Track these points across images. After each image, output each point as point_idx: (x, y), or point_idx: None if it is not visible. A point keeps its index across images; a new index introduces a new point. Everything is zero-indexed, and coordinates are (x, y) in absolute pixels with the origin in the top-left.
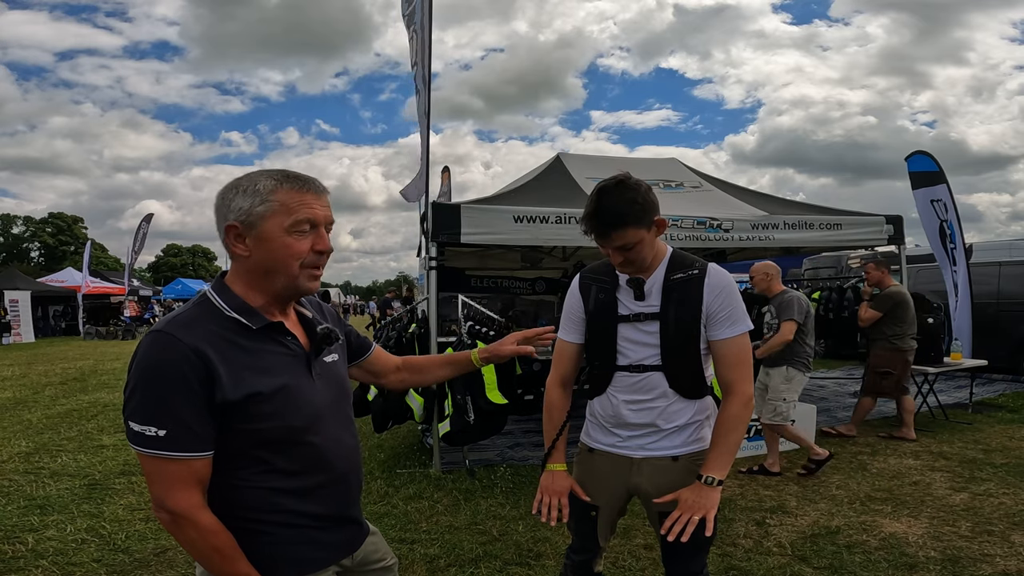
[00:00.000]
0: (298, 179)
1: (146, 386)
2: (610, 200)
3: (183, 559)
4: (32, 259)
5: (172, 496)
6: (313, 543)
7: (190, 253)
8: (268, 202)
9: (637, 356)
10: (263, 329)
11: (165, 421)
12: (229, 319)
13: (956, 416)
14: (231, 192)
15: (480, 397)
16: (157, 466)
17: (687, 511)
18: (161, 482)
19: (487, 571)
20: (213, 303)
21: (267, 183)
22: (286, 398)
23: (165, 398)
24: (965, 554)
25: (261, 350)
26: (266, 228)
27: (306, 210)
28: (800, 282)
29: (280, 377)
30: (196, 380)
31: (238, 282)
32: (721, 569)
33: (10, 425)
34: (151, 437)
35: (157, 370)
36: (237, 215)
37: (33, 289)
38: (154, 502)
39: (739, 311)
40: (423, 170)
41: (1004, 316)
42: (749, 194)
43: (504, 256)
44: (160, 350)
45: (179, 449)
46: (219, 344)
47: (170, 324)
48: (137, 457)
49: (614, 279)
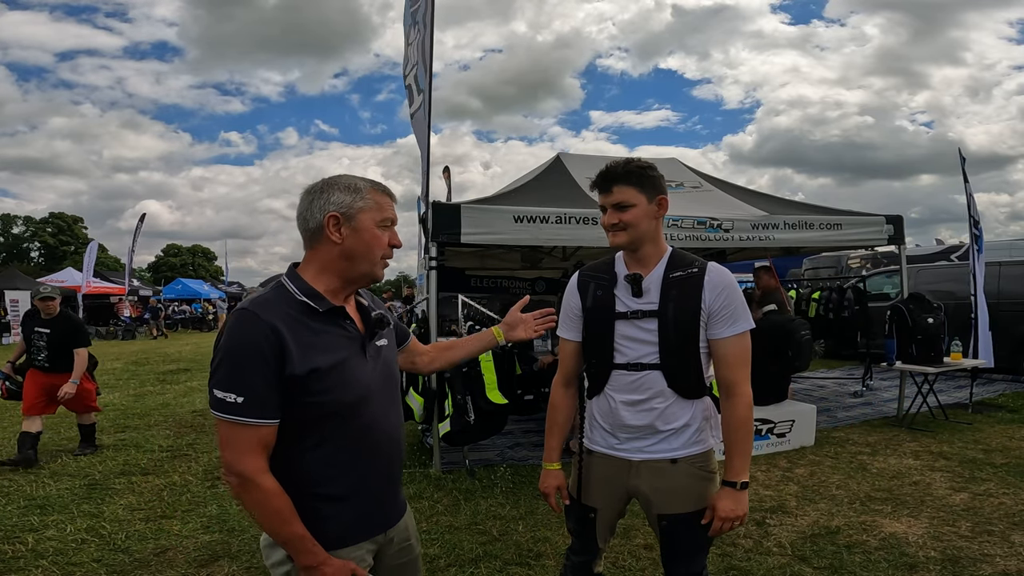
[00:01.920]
0: (381, 185)
1: (230, 358)
2: (619, 162)
3: (183, 559)
4: (32, 259)
5: (242, 460)
6: (354, 516)
7: (190, 253)
8: (366, 199)
9: (635, 354)
10: (327, 312)
11: (243, 389)
12: (299, 302)
13: (956, 416)
14: (329, 188)
15: (480, 397)
16: (233, 431)
17: (729, 519)
18: (234, 446)
19: (487, 571)
20: (286, 288)
21: (363, 184)
22: (340, 375)
23: (244, 369)
24: (965, 554)
25: (323, 330)
26: (362, 220)
27: (390, 211)
28: (800, 282)
29: (337, 355)
30: (271, 354)
31: (310, 270)
32: (721, 569)
33: (10, 425)
34: (231, 403)
35: (240, 344)
36: (338, 207)
37: (33, 289)
38: (225, 467)
39: (740, 309)
40: (424, 169)
41: (1004, 316)
42: (749, 194)
43: (504, 256)
44: (243, 326)
45: (252, 416)
46: (291, 324)
47: (253, 304)
48: (215, 424)
49: (612, 276)
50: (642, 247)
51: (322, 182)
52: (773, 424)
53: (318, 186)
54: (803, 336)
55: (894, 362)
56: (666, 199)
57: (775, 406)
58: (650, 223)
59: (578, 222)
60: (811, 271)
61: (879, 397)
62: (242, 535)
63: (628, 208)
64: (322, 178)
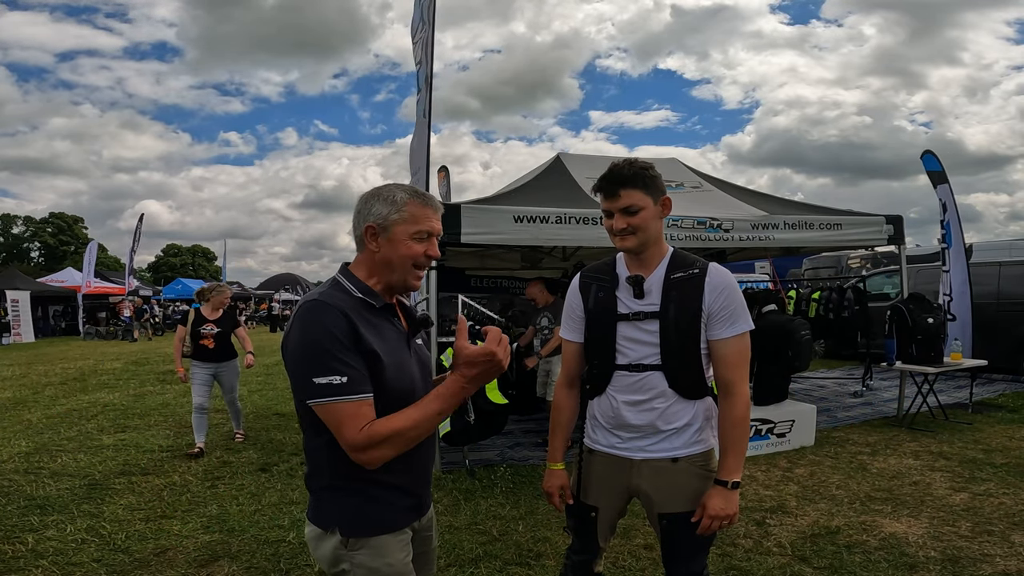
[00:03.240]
0: (424, 196)
1: (318, 345)
2: (623, 164)
3: (183, 559)
4: (32, 259)
5: (365, 432)
6: (408, 504)
7: (190, 253)
8: (401, 211)
9: (636, 355)
10: (382, 308)
11: (344, 369)
12: (356, 298)
13: (956, 416)
14: (373, 199)
15: (480, 397)
16: (349, 410)
17: (719, 518)
18: (351, 426)
19: (487, 571)
20: (343, 285)
21: (402, 195)
22: (398, 365)
23: (335, 352)
24: (965, 554)
25: (381, 324)
26: (396, 232)
27: (427, 223)
28: (800, 282)
29: (393, 346)
30: (347, 336)
31: (362, 270)
32: (721, 569)
33: (10, 425)
34: (338, 385)
35: (323, 331)
36: (376, 218)
37: (33, 289)
38: (354, 447)
39: (740, 311)
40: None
41: (1004, 316)
42: (749, 194)
43: (504, 256)
44: (319, 315)
45: (360, 392)
46: (355, 312)
47: (322, 295)
48: (320, 412)
49: (614, 278)
50: (646, 249)
51: (371, 191)
52: (773, 424)
53: (367, 195)
54: (803, 336)
55: (894, 362)
56: (669, 199)
57: (775, 406)
58: (656, 225)
59: (578, 222)
60: (811, 271)
61: (879, 397)
62: (242, 535)
63: (637, 212)
64: (377, 186)
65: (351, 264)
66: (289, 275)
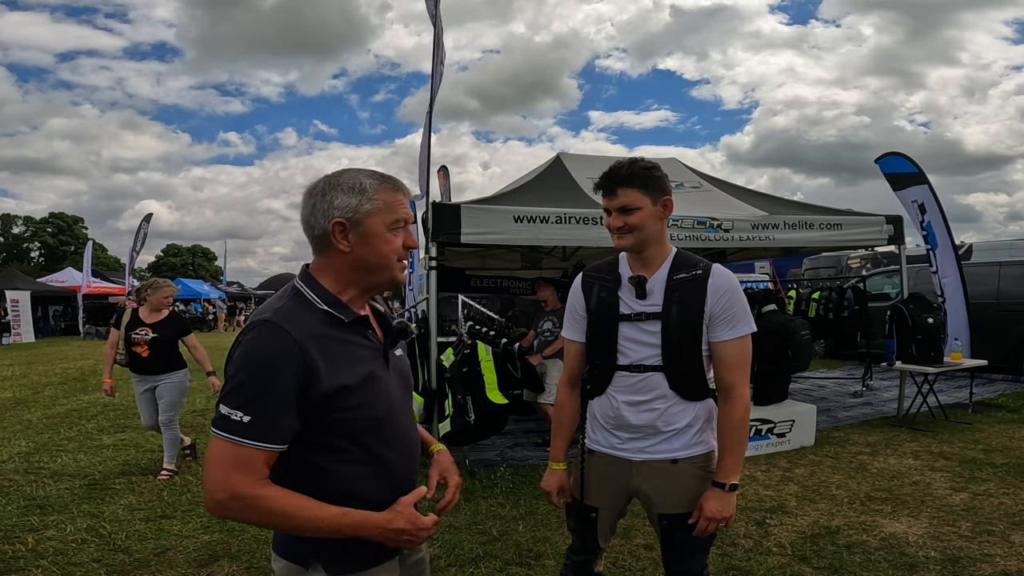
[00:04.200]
0: (392, 180)
1: (247, 373)
2: (623, 163)
3: (183, 559)
4: (32, 259)
5: (236, 479)
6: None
7: (190, 253)
8: (373, 200)
9: (638, 356)
10: (352, 322)
11: (253, 409)
12: (321, 311)
13: (956, 416)
14: (333, 189)
15: (480, 397)
16: (229, 451)
17: (716, 520)
18: (227, 466)
19: (487, 571)
20: (305, 296)
21: (370, 182)
22: (369, 390)
23: (260, 387)
24: (965, 554)
25: (350, 342)
26: (370, 225)
27: (401, 210)
28: (800, 282)
29: (364, 368)
30: (294, 374)
31: (326, 275)
32: (721, 569)
33: (10, 425)
34: (235, 421)
35: (260, 360)
36: (343, 212)
37: (33, 289)
38: (214, 489)
39: (742, 313)
40: (424, 169)
41: (1004, 316)
42: (749, 194)
43: (504, 256)
44: (266, 340)
45: (256, 439)
46: (317, 337)
47: (276, 315)
48: (209, 443)
49: (616, 278)
50: (647, 249)
51: (324, 181)
52: (773, 424)
53: (320, 186)
54: (803, 336)
55: (894, 362)
56: (671, 200)
57: (775, 406)
58: (656, 225)
59: (578, 222)
60: (811, 271)
61: (879, 397)
62: (242, 535)
63: (633, 211)
64: (325, 175)
65: (312, 267)
66: (289, 275)
